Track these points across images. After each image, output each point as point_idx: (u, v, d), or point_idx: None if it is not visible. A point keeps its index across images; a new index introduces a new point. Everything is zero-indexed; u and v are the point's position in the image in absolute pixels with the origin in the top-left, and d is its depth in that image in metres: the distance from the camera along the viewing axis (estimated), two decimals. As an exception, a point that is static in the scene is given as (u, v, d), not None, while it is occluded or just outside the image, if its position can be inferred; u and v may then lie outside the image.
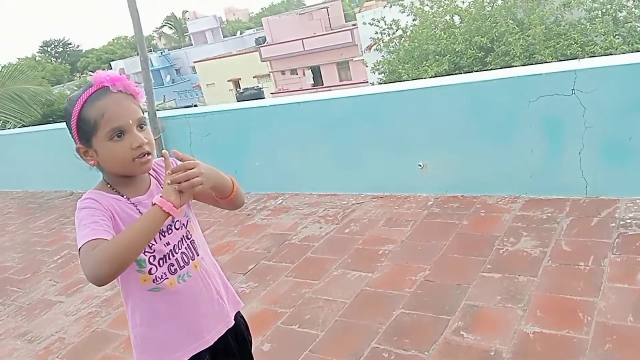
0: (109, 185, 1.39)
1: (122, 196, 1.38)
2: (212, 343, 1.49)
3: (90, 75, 1.36)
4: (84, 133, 1.33)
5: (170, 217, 1.28)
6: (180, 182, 1.25)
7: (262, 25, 42.20)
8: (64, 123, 1.40)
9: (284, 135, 4.67)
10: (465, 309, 2.59)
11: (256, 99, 13.06)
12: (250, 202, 4.74)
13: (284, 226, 4.10)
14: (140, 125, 1.35)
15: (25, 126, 8.52)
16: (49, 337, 3.23)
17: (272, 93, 30.58)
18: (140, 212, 1.37)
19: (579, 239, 2.99)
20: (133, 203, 1.38)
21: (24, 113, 8.68)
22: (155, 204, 1.24)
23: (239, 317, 1.62)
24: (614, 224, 3.05)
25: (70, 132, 1.37)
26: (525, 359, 2.18)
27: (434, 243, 3.29)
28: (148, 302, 1.42)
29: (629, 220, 3.05)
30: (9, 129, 8.58)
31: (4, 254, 4.93)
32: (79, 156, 1.38)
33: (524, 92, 3.48)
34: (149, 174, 1.45)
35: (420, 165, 4.02)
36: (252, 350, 1.70)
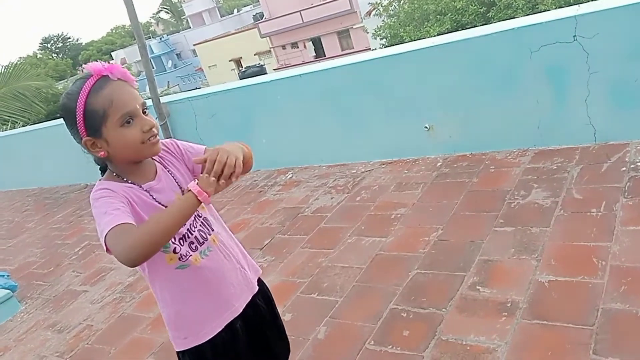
0: (118, 176, 1.40)
1: (134, 184, 1.40)
2: (241, 311, 1.56)
3: (83, 67, 1.36)
4: (92, 124, 1.32)
5: None
6: (220, 173, 1.29)
7: (258, 1, 41.67)
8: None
9: (289, 109, 4.67)
10: (479, 264, 2.61)
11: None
12: (261, 179, 4.77)
13: (295, 200, 4.13)
14: (144, 110, 1.38)
15: (33, 124, 8.57)
16: (77, 326, 3.32)
17: (274, 69, 30.37)
18: (153, 198, 1.40)
19: (590, 186, 2.99)
20: (146, 190, 1.41)
21: (29, 111, 8.71)
22: (190, 190, 1.27)
23: (260, 282, 1.70)
24: (624, 168, 3.03)
25: (72, 128, 1.35)
26: (542, 307, 2.21)
27: (445, 203, 3.31)
28: (176, 281, 1.47)
29: (639, 163, 3.03)
30: (17, 128, 8.64)
31: (26, 250, 5.05)
32: (86, 150, 1.38)
33: (525, 43, 3.43)
34: (153, 158, 1.47)
35: (426, 127, 4.01)
36: None
